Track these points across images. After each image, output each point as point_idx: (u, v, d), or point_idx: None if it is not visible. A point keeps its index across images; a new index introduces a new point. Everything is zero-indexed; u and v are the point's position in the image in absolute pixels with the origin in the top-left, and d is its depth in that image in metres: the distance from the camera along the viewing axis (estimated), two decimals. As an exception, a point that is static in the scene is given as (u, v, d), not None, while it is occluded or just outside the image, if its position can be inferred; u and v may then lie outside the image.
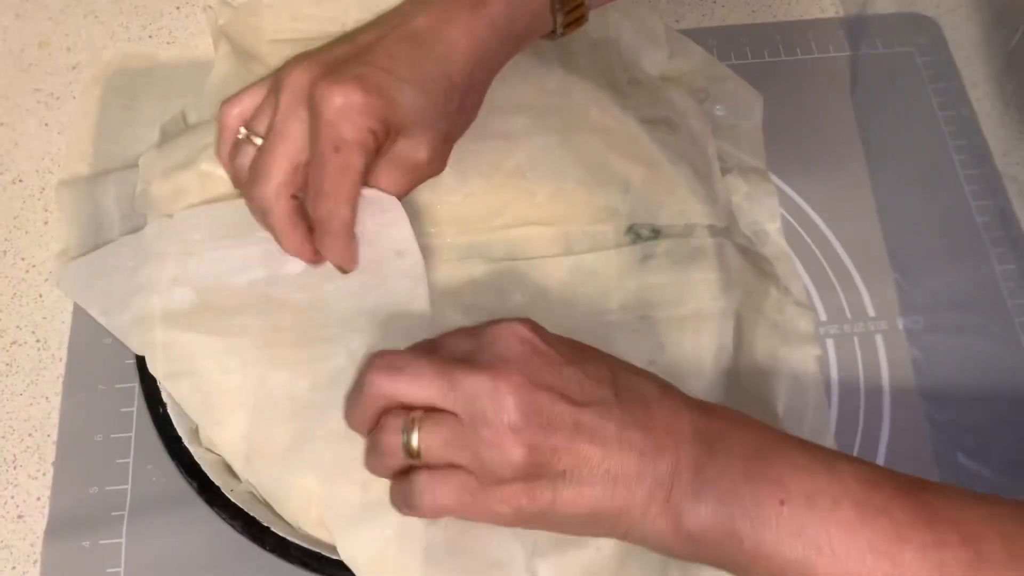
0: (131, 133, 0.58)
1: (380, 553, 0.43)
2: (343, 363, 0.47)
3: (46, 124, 0.60)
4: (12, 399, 0.52)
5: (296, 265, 0.49)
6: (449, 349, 0.42)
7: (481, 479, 0.38)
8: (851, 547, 0.35)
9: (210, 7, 0.60)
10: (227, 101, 0.48)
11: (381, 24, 0.47)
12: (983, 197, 0.58)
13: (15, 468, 0.50)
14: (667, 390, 0.41)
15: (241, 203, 0.50)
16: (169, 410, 0.48)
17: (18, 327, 0.54)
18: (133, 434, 0.50)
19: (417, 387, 0.39)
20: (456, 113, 0.46)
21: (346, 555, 0.43)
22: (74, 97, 0.61)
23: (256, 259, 0.49)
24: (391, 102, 0.44)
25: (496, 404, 0.38)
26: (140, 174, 0.54)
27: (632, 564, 0.44)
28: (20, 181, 0.58)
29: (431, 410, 0.39)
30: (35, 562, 0.48)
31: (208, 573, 0.47)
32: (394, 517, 0.43)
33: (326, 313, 0.49)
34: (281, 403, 0.46)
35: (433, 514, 0.41)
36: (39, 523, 0.49)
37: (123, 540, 0.48)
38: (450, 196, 0.53)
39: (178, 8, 0.64)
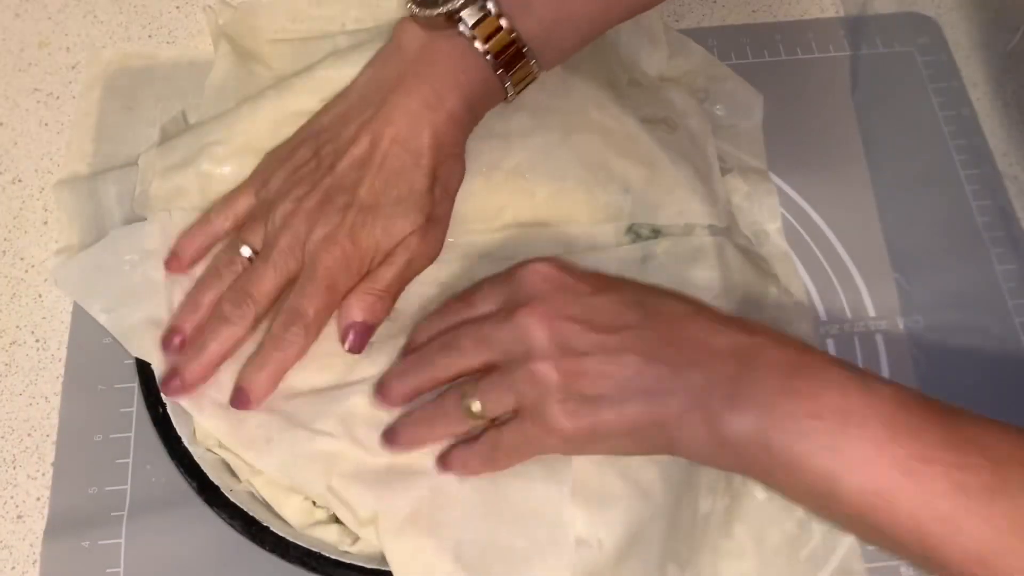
0: (131, 133, 0.58)
1: (415, 511, 0.44)
2: (358, 355, 0.48)
3: (45, 124, 0.60)
4: (11, 399, 0.52)
5: None
6: (481, 304, 0.45)
7: (531, 415, 0.42)
8: (879, 463, 0.37)
9: (209, 7, 0.60)
10: (218, 206, 0.51)
11: (350, 129, 0.50)
12: (983, 197, 0.58)
13: (14, 468, 0.50)
14: (700, 309, 0.43)
15: None
16: (169, 410, 0.48)
17: (17, 327, 0.54)
18: (132, 434, 0.50)
19: (469, 359, 0.44)
20: (435, 201, 0.49)
21: (378, 512, 0.44)
22: (73, 97, 0.61)
23: None
24: (380, 242, 0.48)
25: (526, 343, 0.42)
26: (139, 175, 0.54)
27: (630, 561, 0.44)
28: (19, 181, 0.58)
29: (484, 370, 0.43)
30: (34, 562, 0.48)
31: (207, 573, 0.47)
32: (426, 478, 0.44)
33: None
34: (303, 393, 0.47)
35: (508, 463, 0.44)
36: (38, 523, 0.49)
37: (122, 540, 0.48)
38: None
39: (178, 8, 0.64)
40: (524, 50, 0.49)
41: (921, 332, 0.54)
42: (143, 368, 0.48)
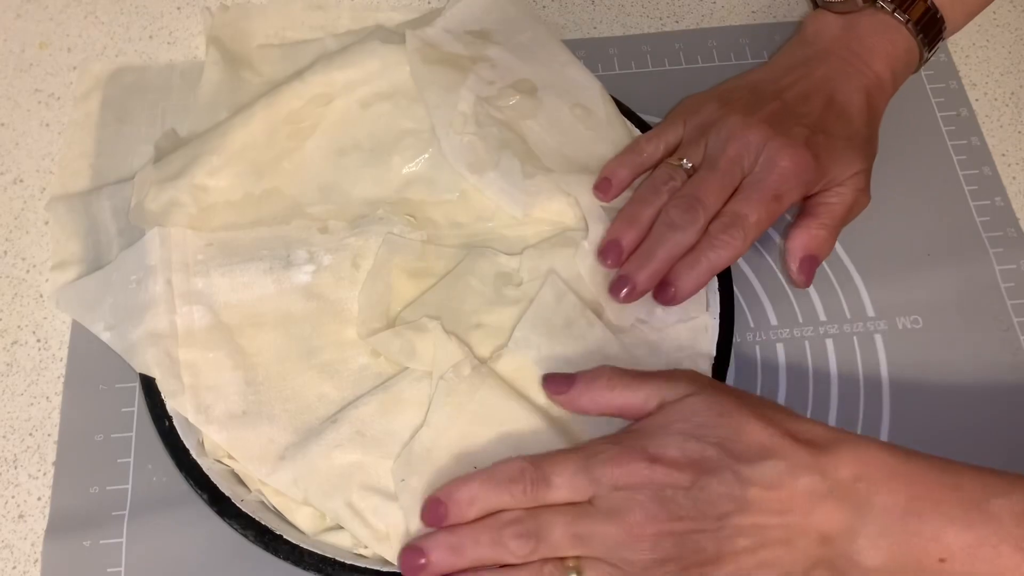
0: (124, 146, 0.58)
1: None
2: (365, 362, 0.49)
3: (47, 124, 0.60)
4: (13, 399, 0.52)
5: (303, 277, 0.50)
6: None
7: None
8: None
9: (207, 8, 0.60)
10: (647, 136, 0.53)
11: (788, 78, 0.53)
12: (982, 196, 0.58)
13: (16, 468, 0.50)
14: (794, 472, 0.40)
15: (241, 233, 0.51)
16: (175, 423, 0.48)
17: (19, 327, 0.54)
18: (134, 433, 0.51)
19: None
20: (870, 153, 0.53)
21: (389, 521, 0.44)
22: (74, 98, 0.61)
23: (262, 275, 0.50)
24: (829, 165, 0.50)
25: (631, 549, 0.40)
26: (134, 188, 0.53)
27: None
28: (21, 181, 0.58)
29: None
30: (36, 561, 0.48)
31: (208, 571, 0.47)
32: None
33: (341, 318, 0.50)
34: (313, 406, 0.48)
35: None
36: (40, 523, 0.49)
37: (123, 540, 0.48)
38: (445, 196, 0.53)
39: (179, 8, 0.64)
40: (938, 16, 0.54)
41: (920, 332, 0.54)
42: (146, 377, 0.48)
